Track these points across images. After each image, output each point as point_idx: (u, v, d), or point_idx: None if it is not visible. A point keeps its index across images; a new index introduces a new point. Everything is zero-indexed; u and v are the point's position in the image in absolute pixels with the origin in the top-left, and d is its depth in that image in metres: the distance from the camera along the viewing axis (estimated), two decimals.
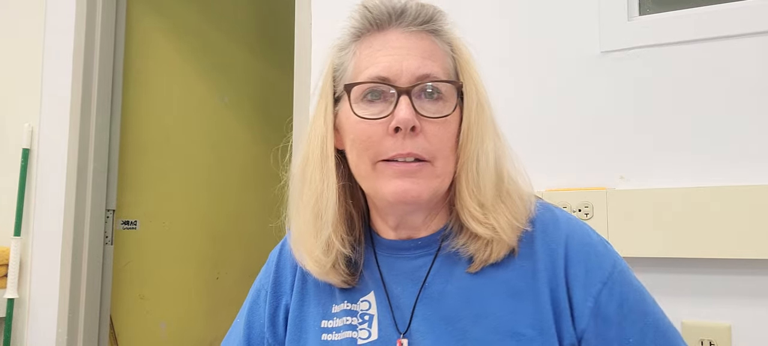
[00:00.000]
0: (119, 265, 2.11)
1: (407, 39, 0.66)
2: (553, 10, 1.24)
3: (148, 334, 2.26)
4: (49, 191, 1.92)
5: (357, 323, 0.69)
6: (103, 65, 1.97)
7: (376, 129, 0.64)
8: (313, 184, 0.69)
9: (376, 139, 0.64)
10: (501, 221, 0.64)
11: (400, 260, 0.70)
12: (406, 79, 0.64)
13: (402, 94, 0.63)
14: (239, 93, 2.77)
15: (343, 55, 0.70)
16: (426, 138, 0.63)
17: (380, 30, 0.67)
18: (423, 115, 0.63)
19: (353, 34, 0.69)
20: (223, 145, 2.66)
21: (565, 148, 1.20)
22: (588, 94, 1.19)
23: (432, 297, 0.67)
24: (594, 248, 0.66)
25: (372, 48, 0.67)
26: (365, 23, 0.68)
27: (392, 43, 0.66)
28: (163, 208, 2.34)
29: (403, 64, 0.64)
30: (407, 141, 0.63)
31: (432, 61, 0.65)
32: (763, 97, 1.06)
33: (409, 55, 0.65)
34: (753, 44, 1.07)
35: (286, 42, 2.29)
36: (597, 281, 0.64)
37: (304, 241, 0.70)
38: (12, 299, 1.91)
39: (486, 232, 0.64)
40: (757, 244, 1.00)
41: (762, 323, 1.03)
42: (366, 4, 0.68)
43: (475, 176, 0.65)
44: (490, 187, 0.65)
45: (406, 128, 0.62)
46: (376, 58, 0.65)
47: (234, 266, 2.68)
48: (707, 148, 1.09)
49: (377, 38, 0.67)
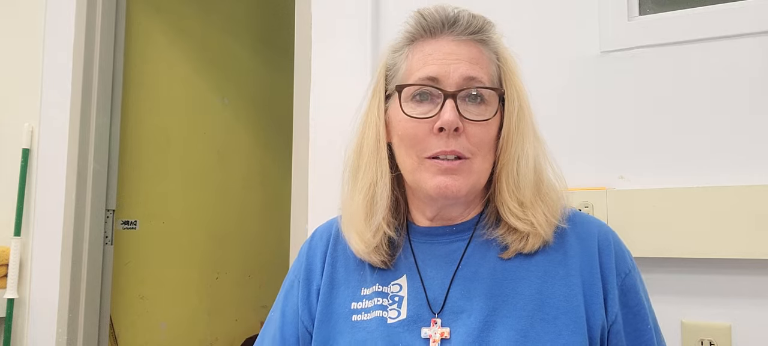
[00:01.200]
0: (119, 265, 2.11)
1: (457, 46, 0.72)
2: (553, 10, 1.24)
3: (148, 334, 2.26)
4: (49, 191, 1.92)
5: (387, 303, 0.73)
6: (103, 65, 1.97)
7: (422, 127, 0.70)
8: (368, 172, 0.75)
9: (422, 136, 0.70)
10: (539, 217, 0.70)
11: (436, 245, 0.75)
12: (454, 83, 0.70)
13: (448, 97, 0.69)
14: (239, 93, 2.77)
15: (396, 57, 0.76)
16: (467, 138, 0.69)
17: (433, 36, 0.73)
18: (466, 118, 0.69)
19: (407, 38, 0.75)
20: (223, 146, 2.67)
21: (565, 148, 1.20)
22: (588, 94, 1.19)
23: (466, 278, 0.71)
24: (619, 243, 0.75)
25: (424, 52, 0.72)
26: (419, 29, 0.74)
27: (443, 49, 0.71)
28: (163, 208, 2.35)
29: (452, 68, 0.70)
30: (451, 140, 0.69)
31: (479, 67, 0.71)
32: (764, 97, 1.06)
33: (458, 60, 0.70)
34: (753, 44, 1.07)
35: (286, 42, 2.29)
36: (623, 271, 0.71)
37: (355, 222, 0.76)
38: (12, 299, 1.91)
39: (524, 226, 0.70)
40: (757, 244, 1.00)
41: (762, 323, 1.03)
42: (422, 11, 0.74)
43: (516, 176, 0.71)
44: (529, 187, 0.71)
45: (449, 129, 0.68)
46: (427, 62, 0.71)
47: (234, 266, 2.68)
48: (707, 148, 1.09)
49: (429, 43, 0.73)
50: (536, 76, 1.24)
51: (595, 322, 0.67)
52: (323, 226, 0.88)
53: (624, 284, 0.71)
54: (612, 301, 0.69)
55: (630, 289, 0.71)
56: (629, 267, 0.72)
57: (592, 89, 1.19)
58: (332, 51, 1.49)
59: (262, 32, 2.96)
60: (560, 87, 1.21)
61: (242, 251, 2.71)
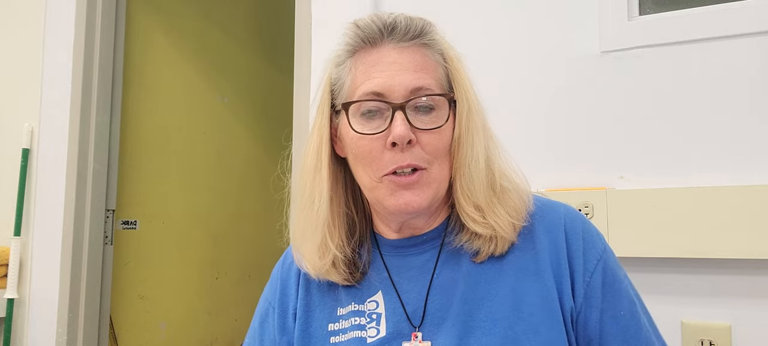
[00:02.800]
0: (119, 265, 2.11)
1: (400, 54, 0.69)
2: (553, 10, 1.24)
3: (148, 334, 2.26)
4: (49, 191, 1.91)
5: (365, 322, 0.71)
6: (103, 65, 1.97)
7: (375, 144, 0.67)
8: (306, 191, 0.73)
9: (376, 153, 0.68)
10: (500, 219, 0.68)
11: (408, 258, 0.73)
12: (400, 94, 0.67)
13: (397, 109, 0.66)
14: (239, 93, 2.77)
15: (340, 70, 0.73)
16: (422, 147, 0.67)
17: (373, 46, 0.70)
18: (417, 128, 0.67)
19: (348, 50, 0.72)
20: (223, 145, 2.66)
21: (565, 148, 1.20)
22: (588, 94, 1.19)
23: (442, 286, 0.70)
24: (588, 228, 0.72)
25: (366, 64, 0.69)
26: (358, 40, 0.71)
27: (385, 59, 0.68)
28: (163, 208, 2.34)
29: (396, 80, 0.67)
30: (405, 154, 0.66)
31: (424, 74, 0.68)
32: (764, 97, 1.06)
33: (402, 69, 0.67)
34: (753, 44, 1.07)
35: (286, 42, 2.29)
36: (592, 257, 0.69)
37: (300, 244, 0.74)
38: (12, 299, 1.91)
39: (486, 231, 0.68)
40: (757, 244, 1.00)
41: (762, 323, 1.03)
42: (357, 22, 0.72)
43: (469, 180, 0.69)
44: (483, 189, 0.69)
45: (402, 143, 0.65)
46: (371, 74, 0.68)
47: (234, 266, 2.68)
48: (707, 148, 1.09)
49: (371, 54, 0.70)
50: (536, 76, 1.24)
51: (567, 311, 0.66)
52: None
53: (595, 270, 0.68)
54: (578, 286, 0.67)
55: (605, 274, 0.69)
56: (600, 252, 0.70)
57: (592, 89, 1.19)
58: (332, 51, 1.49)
59: (262, 32, 2.96)
60: (560, 87, 1.21)
61: (242, 250, 2.71)
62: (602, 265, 0.69)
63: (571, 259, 0.68)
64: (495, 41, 1.29)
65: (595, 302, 0.67)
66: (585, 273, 0.68)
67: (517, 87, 1.26)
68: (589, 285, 0.68)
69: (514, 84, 1.26)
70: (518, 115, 1.24)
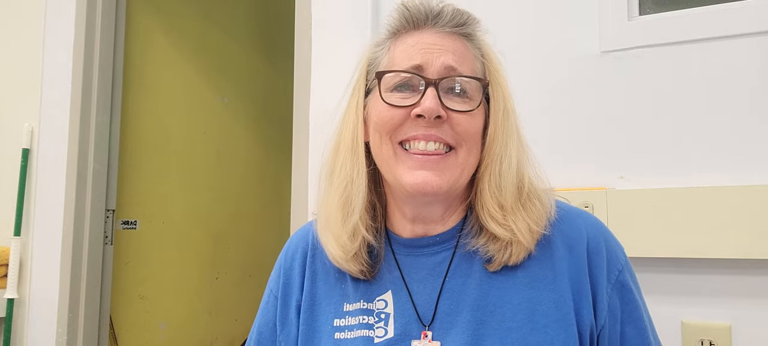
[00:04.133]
0: (119, 265, 2.11)
1: (441, 38, 0.69)
2: (553, 10, 1.24)
3: (148, 334, 2.26)
4: (49, 191, 1.92)
5: (373, 321, 0.70)
6: (103, 65, 1.97)
7: (399, 113, 0.67)
8: (344, 171, 0.71)
9: (398, 121, 0.67)
10: (519, 224, 0.67)
11: (420, 258, 0.72)
12: (436, 71, 0.67)
13: (430, 85, 0.66)
14: (239, 93, 2.77)
15: (378, 50, 0.73)
16: (452, 126, 0.66)
17: (416, 29, 0.70)
18: (448, 107, 0.66)
19: (390, 31, 0.73)
20: (223, 145, 2.67)
21: (565, 148, 1.20)
22: (588, 94, 1.19)
23: (453, 290, 0.68)
24: (610, 242, 0.71)
25: (406, 44, 0.70)
26: (403, 22, 0.71)
27: (426, 39, 0.69)
28: (163, 208, 2.34)
29: (434, 56, 0.67)
30: (431, 128, 0.66)
31: (462, 59, 0.69)
32: (764, 97, 1.06)
33: (442, 51, 0.68)
34: (753, 44, 1.07)
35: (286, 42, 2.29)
36: (614, 271, 0.68)
37: (332, 225, 0.72)
38: (12, 299, 1.91)
39: (504, 233, 0.66)
40: (757, 244, 1.00)
41: (762, 323, 1.03)
42: (405, 3, 0.72)
43: (498, 177, 0.68)
44: (511, 190, 0.68)
45: (430, 117, 0.65)
46: (409, 52, 0.69)
47: (234, 266, 2.68)
48: (707, 148, 1.09)
49: (412, 36, 0.70)
50: (536, 75, 1.24)
51: (585, 326, 0.65)
52: (298, 235, 0.83)
53: (616, 284, 0.68)
54: (601, 303, 0.67)
55: (622, 287, 0.69)
56: (622, 265, 0.70)
57: (592, 89, 1.19)
58: (332, 51, 1.49)
59: (262, 32, 2.96)
60: (560, 87, 1.21)
61: (242, 250, 2.71)
62: (623, 278, 0.69)
63: (594, 275, 0.67)
64: (495, 41, 1.29)
65: (617, 316, 0.68)
66: (607, 288, 0.67)
67: (517, 87, 1.25)
68: (611, 300, 0.67)
69: (513, 84, 1.26)
70: (518, 115, 1.23)
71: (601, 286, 0.67)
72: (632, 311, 0.69)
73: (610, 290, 0.67)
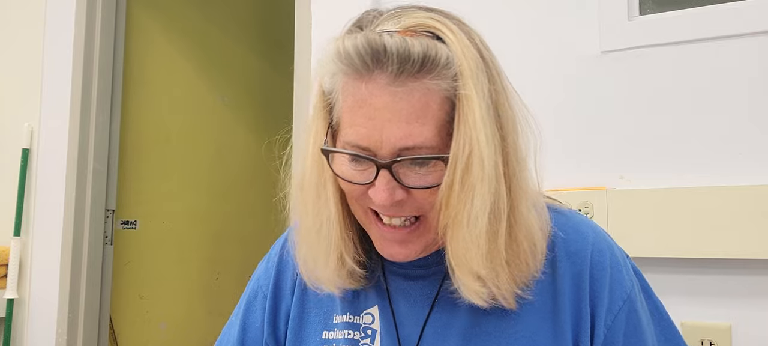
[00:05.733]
0: (119, 265, 2.11)
1: (392, 96, 0.54)
2: (553, 10, 1.24)
3: (148, 334, 2.26)
4: (49, 191, 1.91)
5: (359, 337, 0.66)
6: (103, 65, 1.97)
7: (360, 189, 0.58)
8: (310, 216, 0.63)
9: (358, 193, 0.59)
10: (502, 288, 0.58)
11: (409, 281, 0.67)
12: (387, 152, 0.55)
13: (381, 168, 0.55)
14: (239, 93, 2.77)
15: (332, 83, 0.59)
16: (414, 202, 0.57)
17: (362, 79, 0.55)
18: (407, 186, 0.56)
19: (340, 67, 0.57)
20: (223, 145, 2.66)
21: (565, 148, 1.20)
22: (588, 94, 1.19)
23: (440, 322, 0.64)
24: (616, 262, 0.64)
25: (355, 98, 0.56)
26: (347, 66, 0.56)
27: (374, 102, 0.54)
28: (163, 208, 2.34)
29: (384, 134, 0.54)
30: (393, 208, 0.57)
31: (419, 124, 0.54)
32: (764, 97, 1.06)
33: (393, 119, 0.54)
34: (753, 44, 1.07)
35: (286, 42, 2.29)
36: (619, 297, 0.62)
37: (314, 269, 0.65)
38: (12, 299, 1.91)
39: (483, 302, 0.58)
40: (757, 244, 1.00)
41: (762, 323, 1.03)
42: (345, 44, 0.56)
43: (464, 246, 0.55)
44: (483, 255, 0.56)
45: (385, 208, 0.57)
46: (355, 120, 0.56)
47: (234, 266, 2.68)
48: (707, 148, 1.09)
49: (360, 88, 0.55)
50: (536, 75, 1.24)
51: None
52: None
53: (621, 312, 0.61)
54: (598, 330, 0.61)
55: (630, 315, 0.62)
56: (628, 291, 0.62)
57: (592, 89, 1.19)
58: None
59: (262, 31, 2.96)
60: (560, 87, 1.21)
61: (242, 251, 2.71)
62: (628, 306, 0.62)
63: (594, 297, 0.61)
64: (495, 41, 1.28)
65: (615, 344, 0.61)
66: (608, 315, 0.61)
67: (517, 87, 1.25)
68: (611, 329, 0.61)
69: (513, 84, 1.26)
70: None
71: (600, 311, 0.61)
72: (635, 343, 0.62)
73: (612, 320, 0.61)
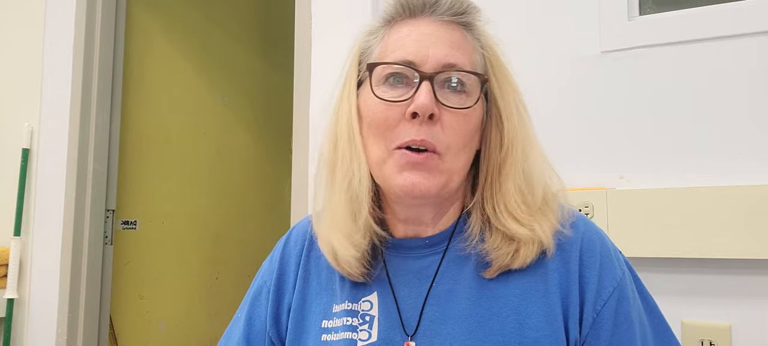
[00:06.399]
0: (119, 265, 2.11)
1: (438, 27, 0.65)
2: (553, 10, 1.24)
3: (148, 334, 2.26)
4: (49, 191, 1.91)
5: (357, 323, 0.67)
6: (103, 65, 1.97)
7: (394, 112, 0.63)
8: (345, 165, 0.66)
9: (393, 122, 0.63)
10: (544, 225, 0.63)
11: (408, 260, 0.69)
12: (432, 66, 0.63)
13: (425, 79, 0.62)
14: (239, 92, 2.77)
15: (371, 39, 0.69)
16: (442, 128, 0.62)
17: (412, 17, 0.67)
18: (443, 104, 0.62)
19: (385, 19, 0.69)
20: (223, 145, 2.67)
21: (565, 148, 1.20)
22: (588, 94, 1.19)
23: (440, 296, 0.65)
24: (607, 251, 0.66)
25: (401, 33, 0.66)
26: (398, 8, 0.67)
27: (422, 29, 0.65)
28: (163, 208, 2.34)
29: (430, 51, 0.63)
30: (423, 127, 0.61)
31: (460, 52, 0.64)
32: (764, 97, 1.06)
33: (438, 42, 0.64)
34: (753, 44, 1.07)
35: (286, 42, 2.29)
36: (608, 285, 0.63)
37: (341, 224, 0.67)
38: (12, 299, 1.91)
39: (525, 232, 0.62)
40: (757, 244, 1.00)
41: (762, 323, 1.03)
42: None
43: (520, 177, 0.64)
44: (538, 188, 0.65)
45: (424, 115, 0.61)
46: (404, 42, 0.64)
47: (234, 266, 2.68)
48: (707, 148, 1.09)
49: (407, 24, 0.66)
50: (536, 76, 1.24)
51: (572, 341, 0.62)
52: (299, 228, 0.79)
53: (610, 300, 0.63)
54: (586, 320, 0.62)
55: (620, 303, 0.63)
56: (617, 280, 0.64)
57: (592, 89, 1.19)
58: (332, 51, 1.49)
59: (262, 31, 2.96)
60: (560, 87, 1.21)
61: (242, 251, 2.71)
62: (617, 295, 0.63)
63: (583, 285, 0.63)
64: (496, 31, 1.29)
65: (603, 335, 0.62)
66: (596, 303, 0.62)
67: None
68: (599, 315, 0.62)
69: None
70: None
71: (589, 298, 0.63)
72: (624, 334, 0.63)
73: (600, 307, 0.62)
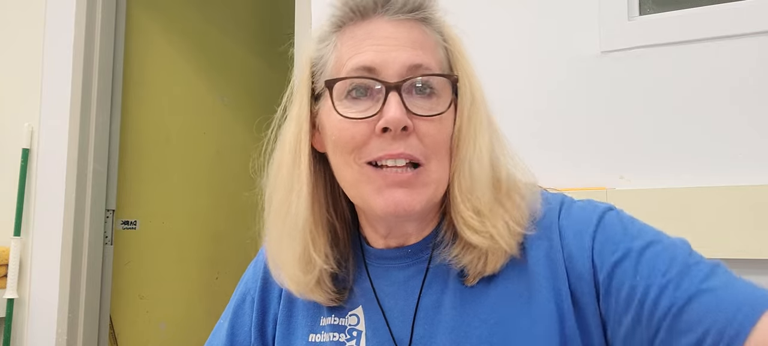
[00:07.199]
0: (119, 265, 2.11)
1: (395, 27, 0.58)
2: (553, 10, 1.24)
3: (148, 334, 2.26)
4: (49, 191, 1.91)
5: (345, 339, 0.64)
6: (103, 65, 1.97)
7: (361, 129, 0.57)
8: (282, 191, 0.62)
9: (361, 140, 0.57)
10: (499, 226, 0.57)
11: (392, 271, 0.64)
12: (395, 72, 0.57)
13: (391, 89, 0.56)
14: (238, 92, 2.77)
15: (323, 48, 0.63)
16: (419, 138, 0.57)
17: (364, 19, 0.60)
18: (415, 114, 0.56)
19: (334, 23, 0.62)
20: (223, 145, 2.67)
21: (565, 149, 1.20)
22: (588, 94, 1.19)
23: (428, 309, 0.61)
24: (583, 207, 0.61)
25: (355, 38, 0.59)
26: (346, 11, 0.61)
27: (378, 33, 0.58)
28: (163, 208, 2.34)
29: (391, 55, 0.57)
30: (399, 142, 0.56)
31: (423, 52, 0.58)
32: (763, 97, 1.06)
33: (398, 45, 0.57)
34: (753, 44, 1.07)
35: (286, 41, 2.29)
36: (588, 230, 0.57)
37: (279, 256, 0.64)
38: (12, 299, 1.91)
39: (482, 241, 0.57)
40: (757, 244, 1.00)
41: None
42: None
43: (469, 180, 0.58)
44: (486, 189, 0.58)
45: (396, 129, 0.55)
46: (360, 48, 0.58)
47: (234, 266, 2.68)
48: (707, 148, 1.09)
49: (361, 27, 0.60)
50: (537, 76, 1.24)
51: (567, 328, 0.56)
52: None
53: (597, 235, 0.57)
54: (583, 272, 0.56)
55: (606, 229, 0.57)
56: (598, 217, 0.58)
57: (592, 89, 1.19)
58: None
59: (261, 32, 2.96)
60: (560, 87, 1.21)
61: (242, 250, 2.71)
62: (602, 227, 0.57)
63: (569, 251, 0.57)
64: (495, 41, 1.29)
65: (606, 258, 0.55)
66: (585, 251, 0.56)
67: (518, 87, 1.26)
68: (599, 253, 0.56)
69: (514, 84, 1.26)
70: (518, 115, 1.23)
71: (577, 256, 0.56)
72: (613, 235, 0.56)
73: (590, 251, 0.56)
